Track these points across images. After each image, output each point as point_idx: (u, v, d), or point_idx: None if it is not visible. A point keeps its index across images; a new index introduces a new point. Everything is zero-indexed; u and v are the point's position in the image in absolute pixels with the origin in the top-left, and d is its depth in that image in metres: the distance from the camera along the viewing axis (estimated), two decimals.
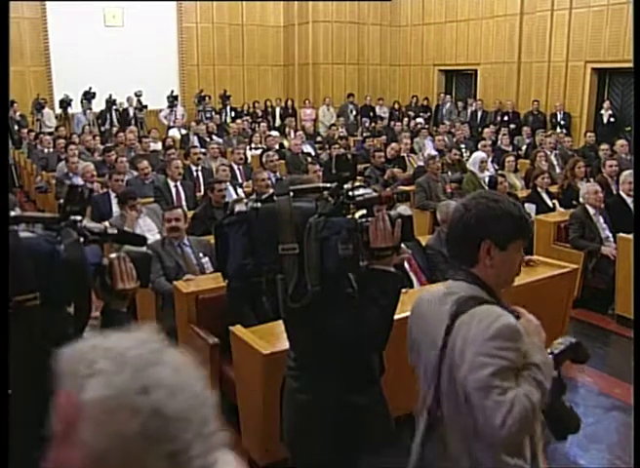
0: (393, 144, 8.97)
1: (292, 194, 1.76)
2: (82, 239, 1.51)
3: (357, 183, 1.82)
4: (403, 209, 1.81)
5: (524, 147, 10.43)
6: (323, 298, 1.72)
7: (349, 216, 1.76)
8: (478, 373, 1.39)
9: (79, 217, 1.51)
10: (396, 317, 1.84)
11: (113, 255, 1.59)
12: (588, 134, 10.11)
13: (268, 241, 1.73)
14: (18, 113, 12.09)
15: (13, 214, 1.47)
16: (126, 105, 13.28)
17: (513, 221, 1.56)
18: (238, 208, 1.78)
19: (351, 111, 15.03)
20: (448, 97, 14.87)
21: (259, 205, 1.77)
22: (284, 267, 1.73)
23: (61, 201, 1.51)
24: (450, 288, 1.61)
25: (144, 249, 1.70)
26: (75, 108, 12.97)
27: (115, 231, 1.60)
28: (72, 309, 1.50)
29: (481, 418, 1.40)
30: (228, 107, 14.22)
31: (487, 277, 1.57)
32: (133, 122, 12.76)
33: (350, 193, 1.75)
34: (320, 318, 1.79)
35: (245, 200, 1.82)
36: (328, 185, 1.77)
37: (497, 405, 1.36)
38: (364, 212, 1.79)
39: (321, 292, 1.70)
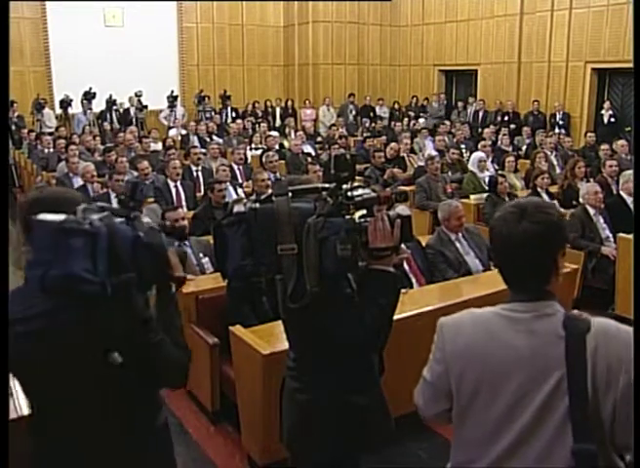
0: (393, 144, 8.95)
1: (290, 194, 1.76)
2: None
3: (356, 183, 1.82)
4: (402, 209, 1.81)
5: (524, 147, 10.42)
6: (322, 299, 1.71)
7: (348, 217, 1.75)
8: (631, 390, 1.34)
9: (137, 212, 1.56)
10: (396, 317, 1.84)
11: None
12: (588, 134, 10.10)
13: (267, 241, 1.72)
14: (16, 113, 12.08)
15: (99, 204, 1.52)
16: (126, 105, 13.27)
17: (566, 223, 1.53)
18: (237, 208, 1.78)
19: (351, 111, 15.03)
20: (435, 97, 14.90)
21: (257, 205, 1.76)
22: (283, 268, 1.73)
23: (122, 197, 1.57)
24: (521, 310, 1.46)
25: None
26: (75, 108, 12.96)
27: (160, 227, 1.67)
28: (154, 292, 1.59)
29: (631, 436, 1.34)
30: (228, 107, 14.22)
31: (555, 288, 1.48)
32: (133, 122, 12.76)
33: (349, 193, 1.75)
34: (319, 318, 1.79)
35: (244, 200, 1.81)
36: (327, 186, 1.76)
37: None
38: (363, 212, 1.79)
39: (320, 293, 1.70)
